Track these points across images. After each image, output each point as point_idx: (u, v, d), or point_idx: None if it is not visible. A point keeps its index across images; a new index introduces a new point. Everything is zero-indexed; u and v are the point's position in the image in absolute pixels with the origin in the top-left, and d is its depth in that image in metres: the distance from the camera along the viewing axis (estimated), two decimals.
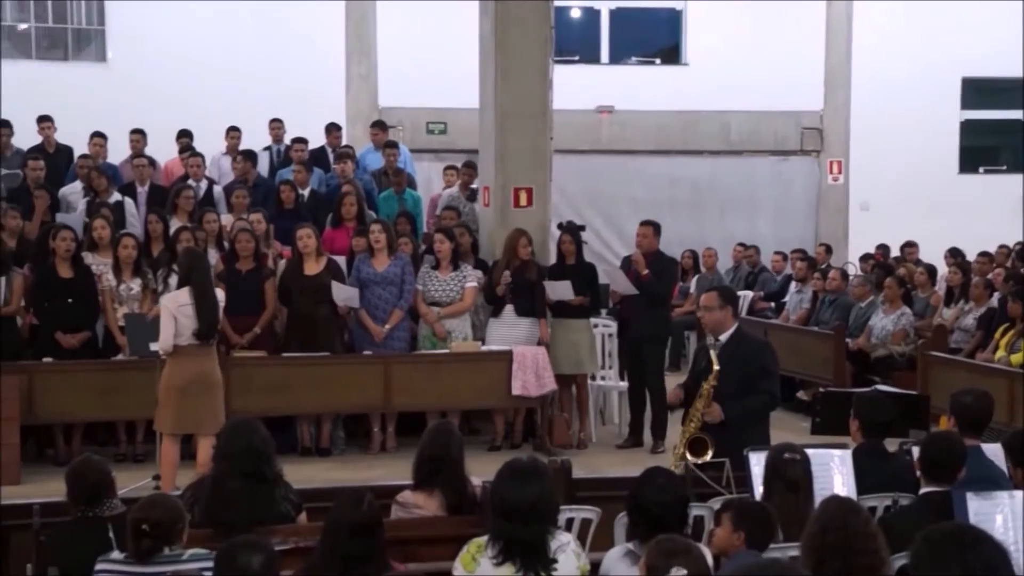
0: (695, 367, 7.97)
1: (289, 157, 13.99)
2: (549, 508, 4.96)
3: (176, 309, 8.88)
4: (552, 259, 11.56)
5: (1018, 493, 5.54)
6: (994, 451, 6.29)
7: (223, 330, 10.49)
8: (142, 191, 12.65)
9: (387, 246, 10.84)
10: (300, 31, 17.10)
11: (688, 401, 7.72)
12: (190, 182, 12.72)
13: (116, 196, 12.26)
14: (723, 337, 7.69)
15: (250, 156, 13.52)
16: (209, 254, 10.98)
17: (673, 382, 12.83)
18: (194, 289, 8.91)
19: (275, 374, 10.32)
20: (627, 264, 11.30)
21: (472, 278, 11.06)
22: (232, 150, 14.21)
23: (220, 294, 9.24)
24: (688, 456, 7.30)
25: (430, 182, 14.24)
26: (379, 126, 14.82)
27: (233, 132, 14.28)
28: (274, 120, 14.61)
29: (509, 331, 10.90)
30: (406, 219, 12.13)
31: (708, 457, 7.21)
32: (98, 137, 13.35)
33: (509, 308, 10.93)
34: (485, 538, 4.93)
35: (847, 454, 6.32)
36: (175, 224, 11.32)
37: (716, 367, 7.46)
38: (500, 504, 4.88)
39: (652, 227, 11.19)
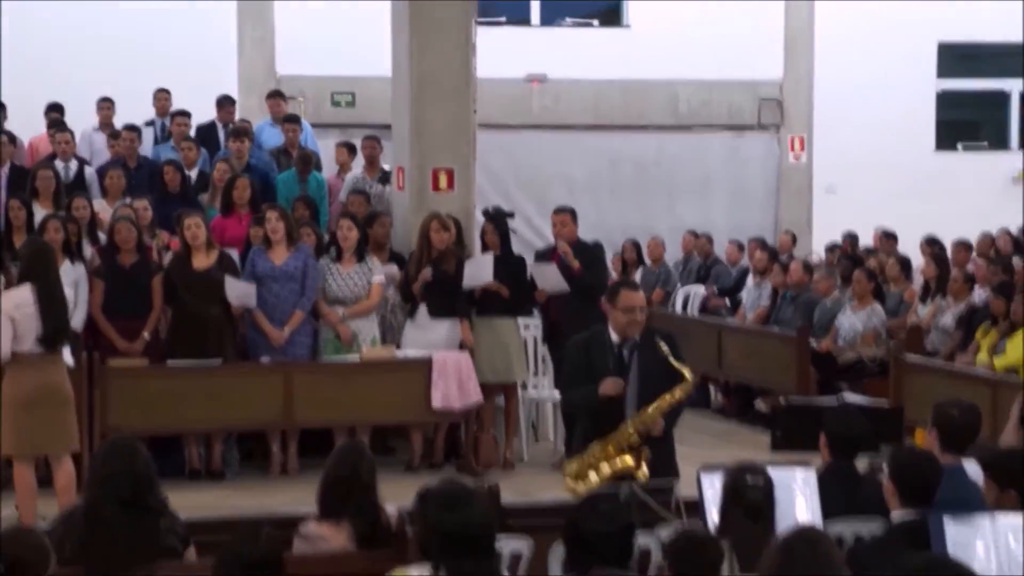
0: (594, 370, 7.78)
1: (171, 133, 13.92)
2: (491, 539, 4.96)
3: (13, 310, 8.70)
4: (477, 250, 11.56)
5: (999, 516, 5.62)
6: (974, 470, 6.38)
7: (107, 335, 10.53)
8: (1, 172, 12.50)
9: (286, 236, 10.81)
10: None
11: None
12: (57, 162, 12.61)
13: None
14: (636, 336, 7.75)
15: (135, 130, 13.43)
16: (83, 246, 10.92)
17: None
18: (37, 286, 8.76)
19: (158, 386, 10.24)
20: (544, 257, 11.33)
21: (379, 271, 11.05)
22: (105, 124, 14.10)
23: (69, 293, 9.11)
24: (638, 466, 7.37)
25: (335, 163, 14.20)
26: (278, 96, 14.79)
27: (105, 103, 14.23)
28: (160, 90, 14.55)
29: (425, 335, 10.89)
30: (304, 204, 12.09)
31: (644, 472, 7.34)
32: None
33: (424, 308, 10.94)
34: (413, 568, 4.90)
35: (811, 473, 6.37)
36: (40, 211, 11.21)
37: (689, 376, 7.51)
38: (436, 533, 4.83)
39: (569, 213, 11.32)
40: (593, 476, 7.48)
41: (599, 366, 7.71)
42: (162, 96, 14.51)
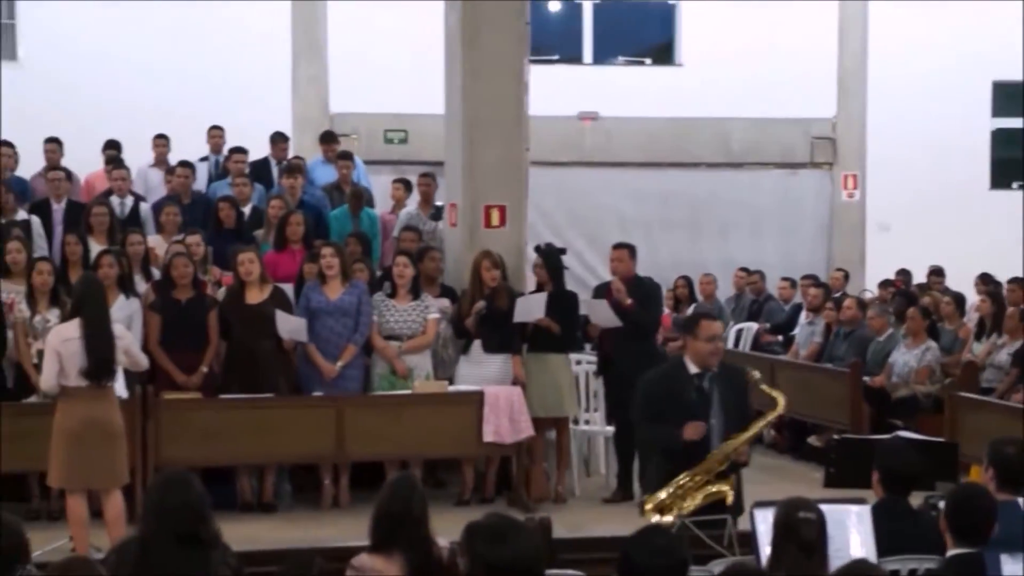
0: (674, 403, 7.93)
1: (226, 169, 14.03)
2: (540, 573, 4.95)
3: (60, 344, 8.87)
4: (530, 287, 11.58)
5: None
6: None
7: (166, 369, 10.62)
8: (58, 208, 12.62)
9: (341, 272, 10.91)
10: (240, 27, 17.11)
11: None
12: (113, 198, 12.72)
13: (22, 214, 12.21)
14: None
15: (190, 167, 13.57)
16: (135, 281, 11.01)
17: None
18: (85, 321, 8.90)
19: (211, 418, 10.30)
20: (600, 292, 11.38)
21: (434, 308, 11.12)
22: (160, 161, 14.24)
23: (119, 329, 9.21)
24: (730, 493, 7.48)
25: (388, 200, 14.27)
26: (329, 139, 14.89)
27: (160, 140, 14.38)
28: (213, 127, 14.69)
29: (478, 370, 10.95)
30: (357, 240, 12.17)
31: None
32: (5, 147, 13.25)
33: (477, 344, 10.99)
34: None
35: (865, 510, 6.35)
36: (96, 247, 11.31)
37: (782, 400, 7.88)
38: (483, 566, 4.84)
39: (627, 249, 11.32)
40: (679, 509, 7.54)
41: (679, 399, 7.86)
42: (216, 133, 14.64)
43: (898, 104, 18.83)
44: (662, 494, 7.64)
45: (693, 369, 7.95)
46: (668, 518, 7.48)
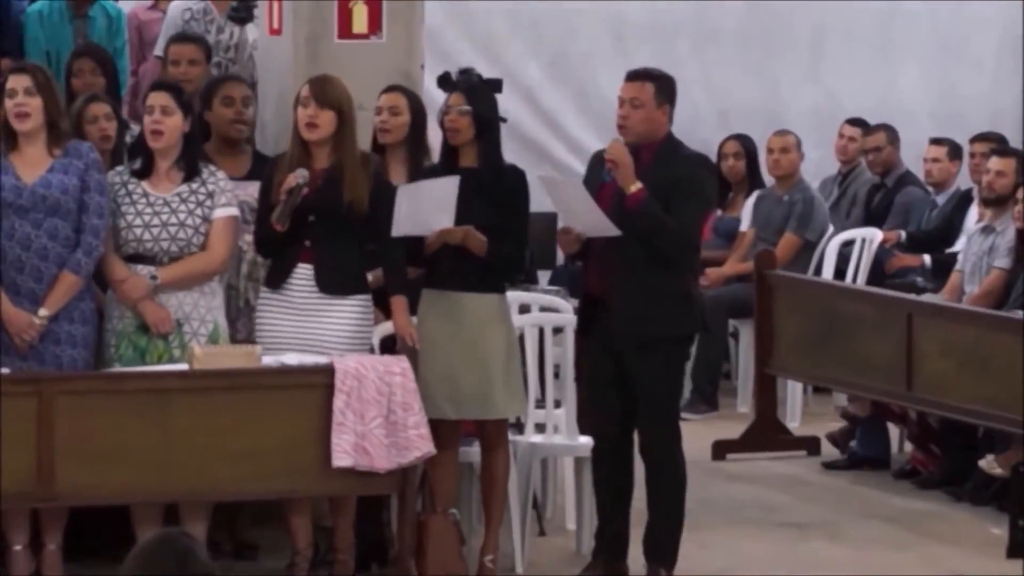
0: None
1: None
2: None
3: None
4: (433, 158, 11.77)
5: None
6: None
7: None
8: None
9: (47, 126, 10.99)
10: None
11: None
12: None
13: None
14: None
15: None
16: None
17: (705, 431, 12.93)
18: None
19: None
20: (598, 170, 11.36)
21: (225, 197, 11.21)
22: None
23: None
24: None
25: None
26: None
27: None
28: None
29: (307, 324, 11.06)
30: (96, 64, 12.47)
31: None
32: None
33: (304, 271, 11.00)
34: None
35: None
36: None
37: None
38: None
39: (653, 84, 11.27)
40: None
41: None
42: None
43: None
44: None
45: None
46: None
